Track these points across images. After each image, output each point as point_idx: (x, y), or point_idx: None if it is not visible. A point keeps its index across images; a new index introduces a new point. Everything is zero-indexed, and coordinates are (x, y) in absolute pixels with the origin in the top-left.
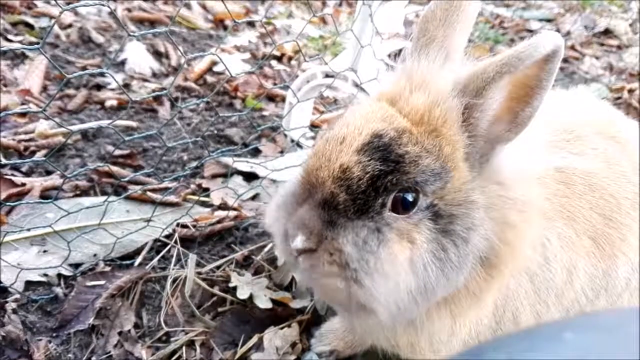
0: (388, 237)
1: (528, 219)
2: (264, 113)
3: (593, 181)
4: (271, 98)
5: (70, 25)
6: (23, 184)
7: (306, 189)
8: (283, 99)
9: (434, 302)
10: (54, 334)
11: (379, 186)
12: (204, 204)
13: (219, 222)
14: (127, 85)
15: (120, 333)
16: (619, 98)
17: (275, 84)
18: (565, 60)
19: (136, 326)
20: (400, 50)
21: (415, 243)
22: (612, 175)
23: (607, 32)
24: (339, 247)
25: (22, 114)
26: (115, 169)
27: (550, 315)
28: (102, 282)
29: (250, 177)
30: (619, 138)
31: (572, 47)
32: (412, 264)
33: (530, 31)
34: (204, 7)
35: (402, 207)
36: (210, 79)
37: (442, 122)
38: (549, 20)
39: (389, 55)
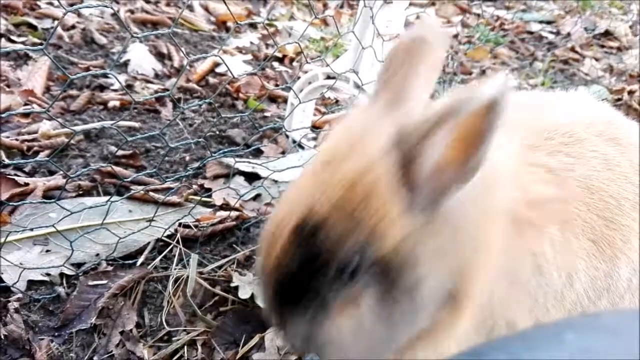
0: (333, 309)
1: (487, 253)
2: (266, 114)
3: (592, 183)
4: (273, 99)
5: (73, 27)
6: (26, 184)
7: (263, 269)
8: (285, 100)
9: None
10: (56, 333)
11: (316, 268)
12: (205, 204)
13: (220, 222)
14: (129, 86)
15: (122, 332)
16: (619, 100)
17: (277, 85)
18: (565, 62)
19: (138, 326)
20: None
21: (360, 308)
22: (612, 177)
23: (607, 34)
24: (295, 331)
25: (26, 115)
26: (117, 169)
27: (551, 318)
28: (104, 282)
29: (252, 177)
30: (619, 139)
31: (572, 49)
32: (361, 328)
33: (531, 33)
34: (206, 8)
35: (345, 277)
36: (212, 80)
37: (372, 189)
38: (549, 22)
39: None
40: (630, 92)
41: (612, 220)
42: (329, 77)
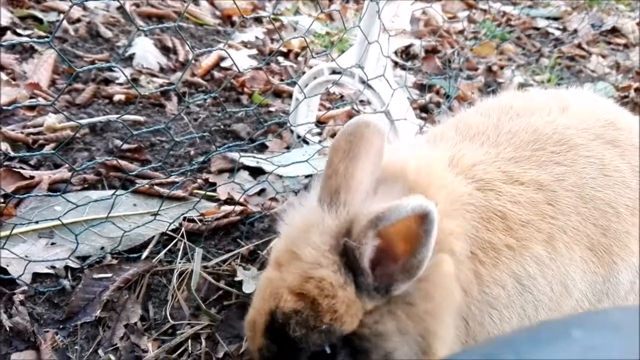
0: None
1: (447, 316)
2: (271, 109)
3: (585, 192)
4: (278, 94)
5: (78, 20)
6: (31, 177)
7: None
8: (290, 95)
9: None
10: (61, 326)
11: (293, 356)
12: (210, 199)
13: (225, 216)
14: (135, 80)
15: (126, 326)
16: (625, 97)
17: (282, 80)
18: (572, 59)
19: (142, 319)
20: (407, 47)
21: None
22: (608, 183)
23: (614, 31)
24: None
25: (31, 108)
26: (123, 162)
27: None
28: (109, 275)
29: (256, 172)
30: (619, 141)
31: (579, 46)
32: None
33: (537, 29)
34: (211, 3)
35: (324, 359)
36: (217, 74)
37: (318, 291)
38: (556, 19)
39: (396, 52)
40: (637, 90)
41: (608, 228)
42: (334, 72)
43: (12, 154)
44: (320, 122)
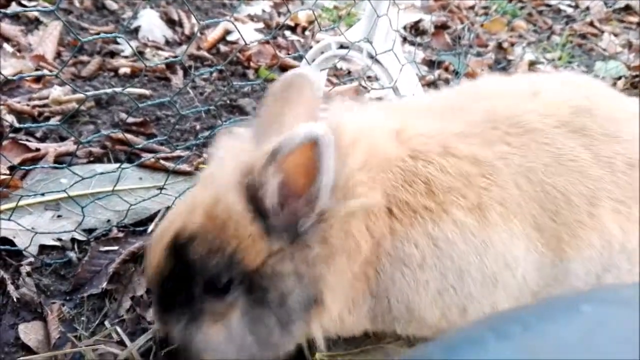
0: (203, 322)
1: (343, 265)
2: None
3: (533, 175)
4: (284, 69)
5: None
6: (37, 149)
7: (147, 275)
8: None
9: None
10: (68, 298)
11: (187, 279)
12: None
13: None
14: (140, 53)
15: (132, 298)
16: (637, 76)
17: (288, 54)
18: (583, 37)
19: (148, 291)
20: (416, 22)
21: (230, 321)
22: (562, 171)
23: (627, 9)
24: (174, 335)
25: (36, 80)
26: (128, 136)
27: (481, 307)
28: (115, 248)
29: None
30: (587, 130)
31: (591, 24)
32: (231, 340)
33: (549, 6)
34: None
35: (217, 290)
36: (223, 48)
37: (227, 215)
38: None
39: (405, 28)
40: None
41: (557, 213)
42: (342, 47)
43: (18, 125)
44: (327, 98)
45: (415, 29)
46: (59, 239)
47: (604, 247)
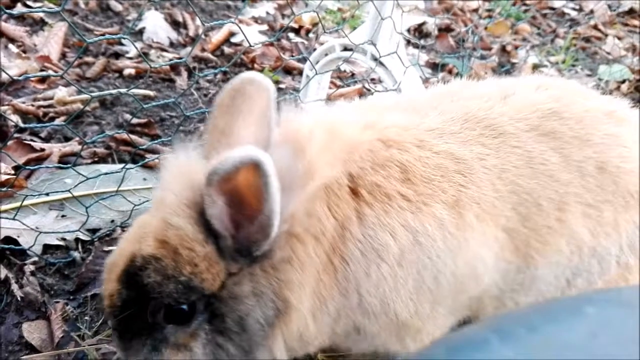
0: (165, 352)
1: (310, 248)
2: (281, 86)
3: (505, 175)
4: (288, 71)
5: None
6: (42, 149)
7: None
8: (300, 72)
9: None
10: (71, 297)
11: (146, 307)
12: None
13: None
14: (145, 54)
15: None
16: None
17: (292, 57)
18: (587, 40)
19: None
20: (420, 25)
21: (193, 351)
22: (531, 174)
23: (631, 12)
24: None
25: (41, 80)
26: (133, 137)
27: (448, 304)
28: None
29: None
30: (558, 133)
31: (595, 27)
32: None
33: (553, 9)
34: None
35: (180, 318)
36: (227, 50)
37: (178, 239)
38: None
39: (409, 30)
40: None
41: (527, 218)
42: (346, 49)
43: (23, 125)
44: (331, 100)
45: (419, 31)
46: (63, 239)
47: (572, 252)
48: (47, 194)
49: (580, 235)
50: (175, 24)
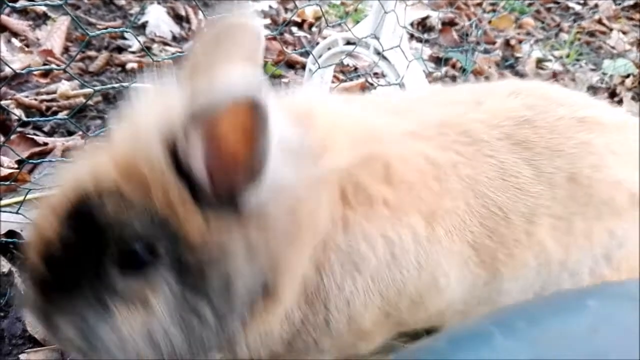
0: (111, 306)
1: (303, 244)
2: (284, 80)
3: (478, 188)
4: (291, 65)
5: None
6: (45, 143)
7: (30, 252)
8: (303, 66)
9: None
10: None
11: (93, 253)
12: None
13: None
14: (148, 48)
15: None
16: None
17: (295, 50)
18: (591, 34)
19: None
20: (423, 19)
21: (151, 307)
22: (503, 187)
23: (636, 6)
24: (62, 336)
25: (44, 74)
26: None
27: (406, 320)
28: None
29: None
30: (529, 143)
31: (599, 21)
32: (151, 331)
33: (557, 3)
34: None
35: (134, 263)
36: None
37: (150, 171)
38: None
39: (412, 24)
40: None
41: (494, 231)
42: (348, 43)
43: (26, 119)
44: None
45: (423, 25)
46: None
47: (541, 264)
48: (50, 188)
49: (548, 248)
50: (178, 18)
